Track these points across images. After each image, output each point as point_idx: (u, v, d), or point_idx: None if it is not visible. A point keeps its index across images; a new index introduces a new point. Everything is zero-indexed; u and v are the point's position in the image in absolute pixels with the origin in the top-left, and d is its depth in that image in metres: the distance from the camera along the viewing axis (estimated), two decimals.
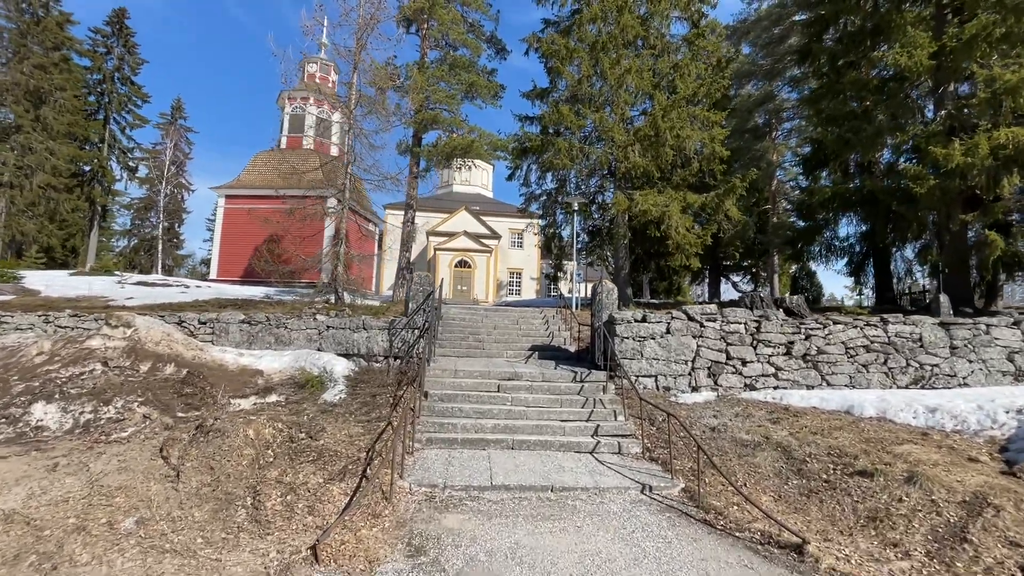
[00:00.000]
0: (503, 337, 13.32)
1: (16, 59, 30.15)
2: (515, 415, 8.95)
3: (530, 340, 13.26)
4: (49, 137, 30.76)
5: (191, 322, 11.35)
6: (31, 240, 30.78)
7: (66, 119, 31.64)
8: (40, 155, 30.32)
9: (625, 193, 18.53)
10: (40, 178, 30.37)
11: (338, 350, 10.82)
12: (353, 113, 15.63)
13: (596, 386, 9.90)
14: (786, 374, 10.02)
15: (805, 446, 7.39)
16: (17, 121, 30.24)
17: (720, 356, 10.20)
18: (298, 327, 11.07)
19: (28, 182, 30.32)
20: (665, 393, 10.10)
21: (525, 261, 46.41)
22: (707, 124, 18.50)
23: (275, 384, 9.25)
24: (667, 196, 17.77)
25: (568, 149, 18.01)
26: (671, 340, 10.26)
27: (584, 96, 18.90)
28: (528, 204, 21.96)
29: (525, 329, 14.06)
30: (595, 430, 8.62)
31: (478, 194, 48.96)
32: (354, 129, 15.75)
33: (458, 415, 8.85)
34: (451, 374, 10.05)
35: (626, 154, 17.87)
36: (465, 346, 12.57)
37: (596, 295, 11.24)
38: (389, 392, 9.37)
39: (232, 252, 32.71)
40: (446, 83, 20.28)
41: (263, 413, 7.74)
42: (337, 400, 8.75)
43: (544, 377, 10.13)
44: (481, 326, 13.93)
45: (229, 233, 33.00)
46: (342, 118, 36.07)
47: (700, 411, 9.13)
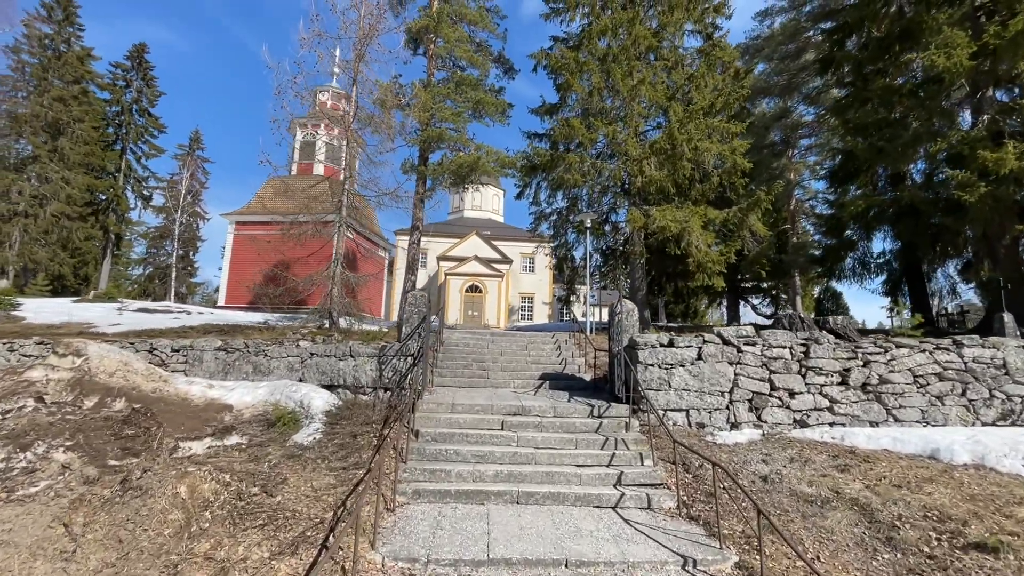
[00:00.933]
0: (510, 364, 11.75)
1: (37, 92, 30.18)
2: (522, 459, 7.34)
3: (540, 368, 11.68)
4: (65, 167, 30.49)
5: (163, 350, 10.01)
6: (43, 268, 30.20)
7: (82, 149, 31.43)
8: (55, 184, 30.00)
9: (640, 210, 17.09)
10: (54, 207, 29.98)
11: (321, 380, 9.37)
12: (351, 128, 14.56)
13: (617, 423, 8.26)
14: (843, 408, 8.29)
15: (891, 505, 5.65)
16: (35, 152, 30.06)
17: (763, 386, 8.52)
18: (279, 355, 9.66)
19: (42, 211, 29.94)
20: (699, 431, 8.41)
21: (537, 285, 44.94)
22: (726, 136, 17.12)
23: (243, 421, 7.79)
24: (686, 211, 16.29)
25: (580, 164, 16.71)
26: (704, 368, 8.62)
27: (595, 110, 17.69)
28: (538, 223, 20.60)
29: (535, 355, 12.48)
30: (618, 478, 6.96)
31: (489, 219, 47.97)
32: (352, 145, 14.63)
33: (453, 459, 7.27)
34: (448, 408, 8.50)
35: (641, 168, 16.51)
36: (467, 375, 11.03)
37: (614, 316, 9.69)
38: (374, 431, 7.83)
39: (241, 279, 31.81)
40: (452, 101, 19.26)
41: (215, 460, 6.26)
42: (310, 442, 7.24)
43: (556, 412, 8.53)
44: (486, 352, 12.39)
45: (238, 260, 32.19)
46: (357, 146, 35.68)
47: (744, 454, 7.43)
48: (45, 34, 30.66)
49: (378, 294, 40.26)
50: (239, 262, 32.17)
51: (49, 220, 29.90)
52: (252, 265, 31.62)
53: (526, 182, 19.51)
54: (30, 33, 30.16)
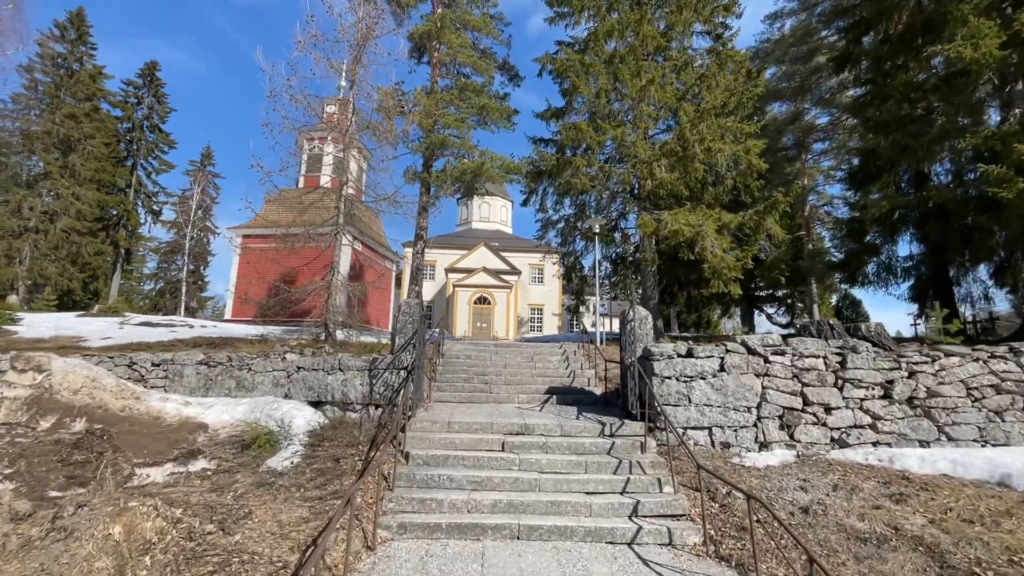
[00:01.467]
0: (514, 378, 10.84)
1: (49, 110, 30.25)
2: (524, 486, 6.42)
3: (547, 381, 10.75)
4: (76, 183, 30.42)
5: (143, 364, 9.27)
6: (52, 283, 29.98)
7: (93, 165, 31.37)
8: (65, 200, 29.90)
9: (651, 214, 16.21)
10: (64, 222, 29.84)
11: (308, 396, 8.54)
12: (350, 132, 13.93)
13: (631, 442, 7.31)
14: (887, 425, 7.27)
15: (964, 546, 4.65)
16: (46, 168, 30.04)
17: (794, 401, 7.53)
18: (263, 369, 8.86)
19: (52, 226, 29.81)
20: (724, 452, 7.43)
21: (546, 297, 44.02)
22: (739, 137, 16.24)
23: (216, 443, 6.97)
24: (700, 215, 15.37)
25: (587, 168, 15.91)
26: (727, 380, 7.66)
27: (603, 113, 16.92)
28: (545, 231, 19.78)
29: (541, 368, 11.57)
30: (634, 508, 6.01)
31: (497, 230, 47.29)
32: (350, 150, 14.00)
33: (447, 486, 6.37)
34: (444, 427, 7.62)
35: (651, 171, 15.65)
36: (468, 389, 10.15)
37: (626, 324, 8.78)
38: (359, 454, 6.97)
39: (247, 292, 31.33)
40: (455, 107, 18.66)
41: (172, 490, 5.43)
42: (286, 466, 6.39)
43: (563, 430, 7.61)
44: (489, 365, 11.50)
45: (244, 273, 31.74)
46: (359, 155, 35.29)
47: (778, 479, 6.44)
48: (58, 53, 30.82)
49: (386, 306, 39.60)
50: (245, 275, 31.73)
51: (59, 235, 29.74)
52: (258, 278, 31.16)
53: (532, 188, 18.74)
54: (43, 52, 30.32)
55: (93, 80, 32.18)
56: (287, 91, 12.66)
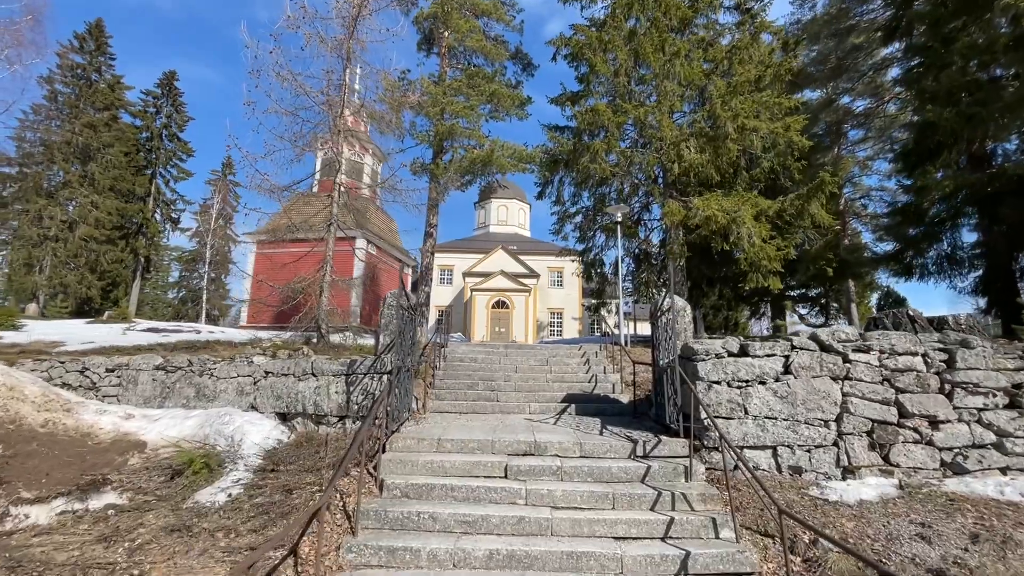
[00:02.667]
0: (526, 384, 9.13)
1: (69, 120, 29.98)
2: (531, 527, 4.71)
3: (564, 387, 9.02)
4: (95, 191, 30.01)
5: (95, 370, 7.88)
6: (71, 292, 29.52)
7: (112, 174, 30.95)
8: (84, 208, 29.49)
9: (679, 201, 14.39)
10: (82, 231, 29.38)
11: (276, 407, 7.01)
12: (343, 116, 12.53)
13: (672, 467, 5.53)
14: (1020, 444, 5.34)
15: None
16: (65, 177, 29.73)
17: (887, 412, 5.65)
18: (227, 375, 7.37)
19: (71, 235, 29.40)
20: (795, 479, 5.58)
21: (566, 300, 42.18)
22: (777, 113, 14.32)
23: (146, 468, 5.46)
24: (735, 199, 13.49)
25: (607, 154, 14.18)
26: (795, 386, 5.82)
27: (623, 93, 15.22)
28: (562, 225, 18.07)
29: (557, 372, 9.83)
30: (682, 563, 4.24)
31: (515, 233, 45.74)
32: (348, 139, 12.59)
33: (428, 528, 4.71)
34: (433, 446, 5.97)
35: (678, 152, 13.84)
36: (472, 397, 8.48)
37: (659, 316, 7.01)
38: (321, 481, 5.36)
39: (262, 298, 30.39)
40: (464, 96, 17.19)
41: (46, 538, 3.91)
42: (219, 501, 4.81)
43: (583, 450, 5.88)
44: (497, 369, 9.82)
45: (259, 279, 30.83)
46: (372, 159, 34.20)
47: (882, 521, 4.58)
48: (78, 64, 30.58)
49: None
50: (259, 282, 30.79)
51: (77, 244, 29.29)
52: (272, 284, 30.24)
53: (547, 178, 17.09)
54: (63, 63, 30.11)
55: (112, 90, 31.88)
56: (273, 68, 11.33)
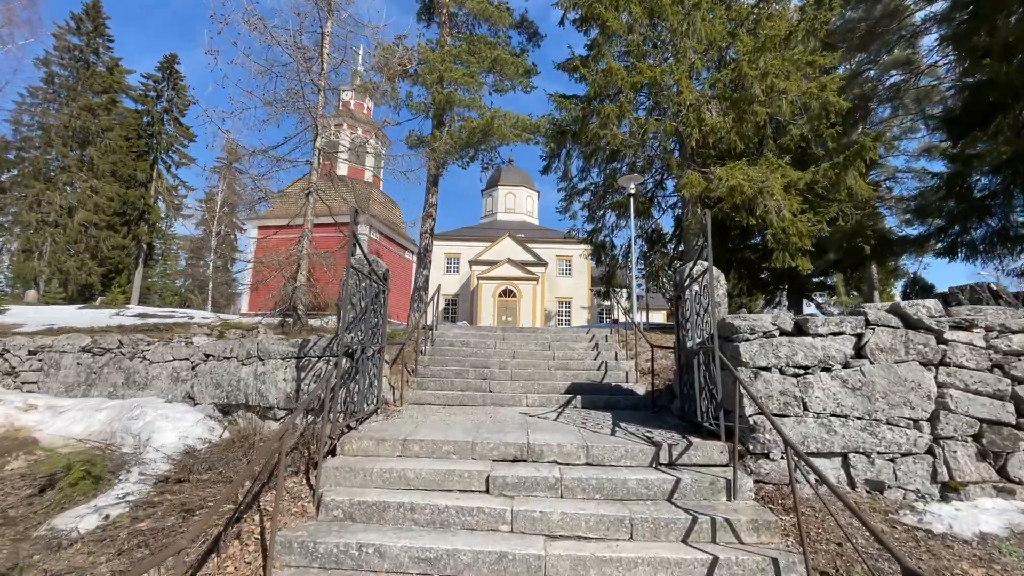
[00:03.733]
0: (524, 371, 7.70)
1: (66, 103, 28.96)
2: (515, 570, 3.31)
3: (568, 376, 7.58)
4: (94, 176, 29.01)
5: (16, 352, 6.61)
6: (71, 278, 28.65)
7: (111, 158, 29.93)
8: (83, 193, 28.53)
9: (699, 172, 12.80)
10: (81, 216, 28.43)
11: (216, 396, 5.67)
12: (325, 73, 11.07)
13: (708, 480, 4.08)
14: None
15: None
16: (64, 162, 28.77)
17: (1001, 409, 4.14)
18: (161, 358, 6.05)
19: (70, 220, 28.48)
20: (875, 497, 4.10)
21: (574, 289, 40.64)
22: (811, 73, 12.62)
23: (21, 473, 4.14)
24: (763, 167, 11.88)
25: (619, 118, 12.59)
26: (873, 373, 4.34)
27: (637, 52, 13.59)
28: (569, 202, 16.54)
29: (561, 358, 8.38)
30: None
31: (523, 221, 44.18)
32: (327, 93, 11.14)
33: (369, 567, 3.32)
34: (396, 448, 4.59)
35: (699, 116, 12.22)
36: (460, 387, 7.09)
37: (686, 287, 5.52)
38: (238, 499, 3.99)
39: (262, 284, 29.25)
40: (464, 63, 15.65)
41: None
42: (86, 527, 3.41)
43: (590, 454, 4.45)
44: (491, 354, 8.41)
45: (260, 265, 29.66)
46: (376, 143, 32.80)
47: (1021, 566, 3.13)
48: (74, 45, 29.48)
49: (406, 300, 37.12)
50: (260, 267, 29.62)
51: (76, 229, 28.36)
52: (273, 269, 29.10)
53: (553, 151, 15.56)
54: (60, 44, 29.03)
55: (111, 72, 30.78)
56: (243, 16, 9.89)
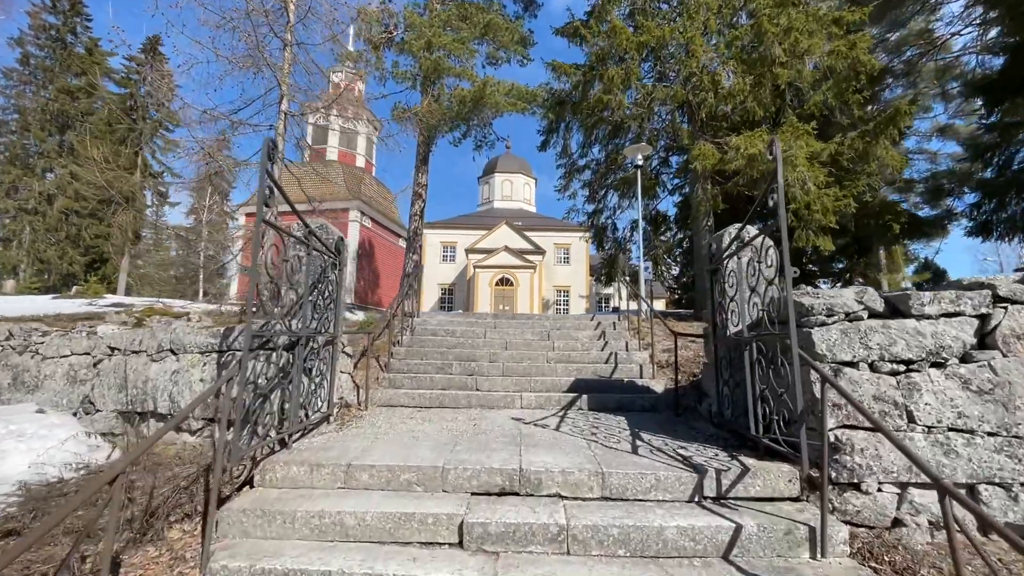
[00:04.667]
0: (519, 365, 6.37)
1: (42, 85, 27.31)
2: None
3: (572, 371, 6.26)
4: (74, 162, 27.45)
5: None
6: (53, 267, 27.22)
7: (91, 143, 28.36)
8: (62, 179, 27.00)
9: (712, 142, 11.40)
10: (61, 203, 26.92)
11: (119, 402, 4.33)
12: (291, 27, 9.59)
13: (784, 527, 2.73)
14: None
15: None
16: (41, 147, 27.20)
17: None
18: (57, 352, 4.70)
19: (49, 207, 26.98)
20: None
21: (572, 277, 39.29)
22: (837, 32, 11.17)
23: None
24: (788, 133, 10.50)
25: (624, 83, 11.15)
26: (1009, 370, 3.03)
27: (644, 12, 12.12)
28: (569, 180, 15.12)
29: (563, 349, 7.05)
30: None
31: (520, 209, 42.71)
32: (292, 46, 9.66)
33: None
34: (338, 477, 3.26)
35: (713, 79, 10.81)
36: (440, 384, 5.77)
37: (724, 257, 4.20)
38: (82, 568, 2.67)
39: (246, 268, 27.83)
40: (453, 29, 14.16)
41: None
42: None
43: (607, 483, 3.14)
44: (480, 345, 7.07)
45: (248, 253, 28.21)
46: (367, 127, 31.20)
47: None
48: (51, 25, 27.75)
49: None
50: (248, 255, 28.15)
51: (56, 217, 26.87)
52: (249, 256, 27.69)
53: (552, 125, 14.12)
54: (35, 24, 27.30)
55: (90, 54, 29.07)
56: None
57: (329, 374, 4.39)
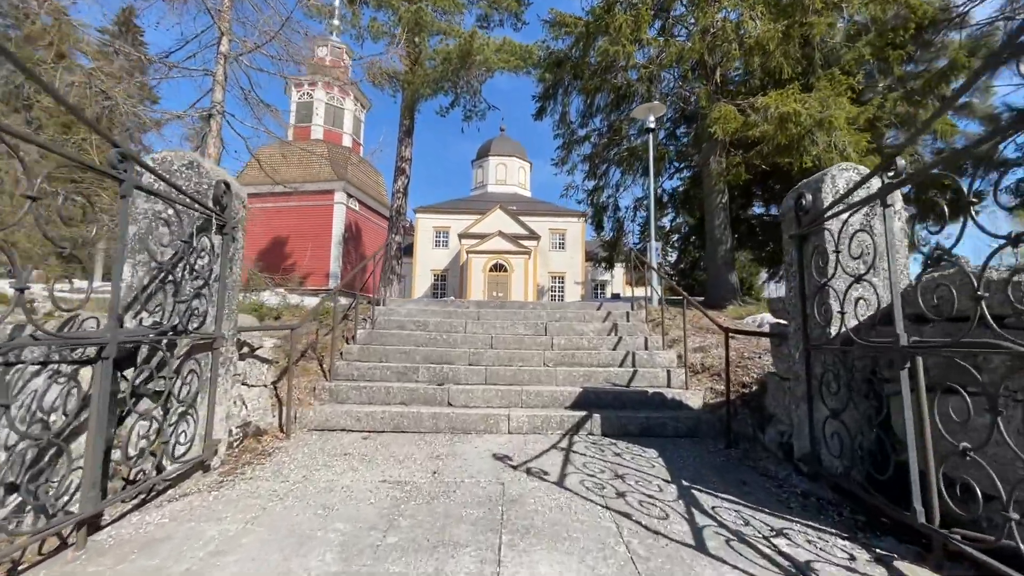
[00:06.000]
0: (508, 369, 4.74)
1: None
2: None
3: (577, 378, 4.64)
4: None
5: None
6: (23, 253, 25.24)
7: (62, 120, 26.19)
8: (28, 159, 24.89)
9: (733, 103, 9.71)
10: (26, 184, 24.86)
11: None
12: None
13: None
14: None
15: None
16: None
17: None
18: None
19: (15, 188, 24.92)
20: None
21: (568, 264, 37.66)
22: None
23: None
24: (827, 88, 8.83)
25: (634, 30, 9.39)
26: None
27: None
28: (567, 152, 13.38)
29: (564, 348, 5.42)
30: None
31: (515, 193, 40.86)
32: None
33: None
34: None
35: (737, 28, 9.09)
36: (400, 397, 4.16)
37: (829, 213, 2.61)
38: None
39: None
40: None
41: None
42: None
43: None
44: (459, 341, 5.42)
45: None
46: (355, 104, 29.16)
47: None
48: None
49: None
50: None
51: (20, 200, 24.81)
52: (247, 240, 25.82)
53: (549, 88, 12.33)
54: None
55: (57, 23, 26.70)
56: None
57: (208, 395, 2.76)
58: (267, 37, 7.38)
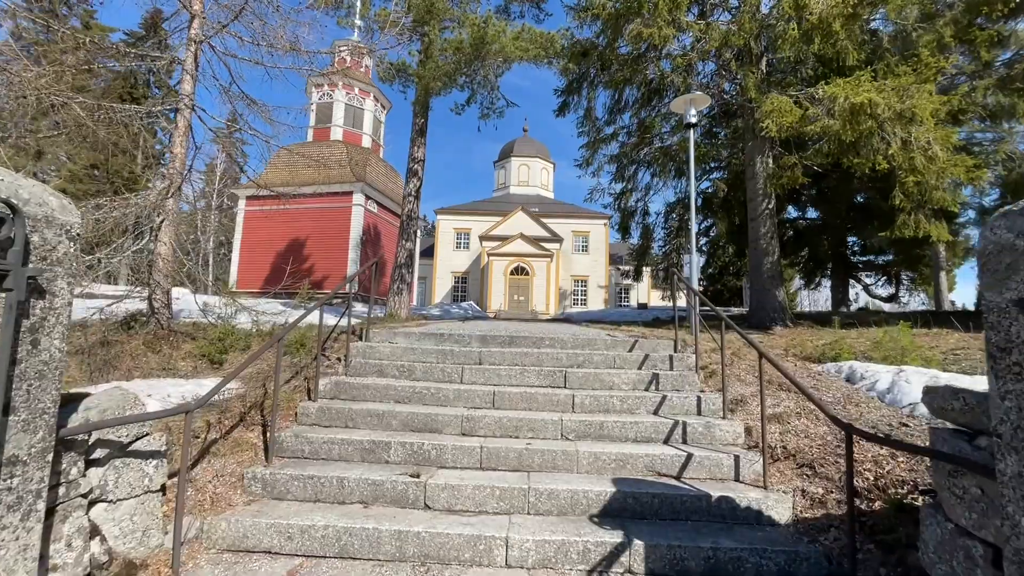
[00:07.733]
0: (513, 446, 3.41)
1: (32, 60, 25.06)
2: None
3: (609, 464, 3.29)
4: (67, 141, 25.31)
5: None
6: None
7: None
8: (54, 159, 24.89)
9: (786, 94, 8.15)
10: (54, 184, 24.83)
11: None
12: None
13: None
14: None
15: None
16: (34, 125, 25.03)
17: None
18: None
19: None
20: None
21: (591, 267, 36.10)
22: None
23: None
24: (905, 80, 7.21)
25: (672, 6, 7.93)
26: None
27: None
28: (593, 152, 11.94)
29: (589, 409, 4.04)
30: None
31: (537, 195, 39.47)
32: None
33: None
34: None
35: (795, 4, 7.54)
36: (360, 494, 2.92)
37: None
38: None
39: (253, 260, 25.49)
40: None
41: None
42: None
43: None
44: (452, 398, 4.08)
45: (250, 239, 25.84)
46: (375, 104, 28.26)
47: None
48: None
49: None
50: (251, 241, 25.83)
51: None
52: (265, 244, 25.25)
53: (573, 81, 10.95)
54: None
55: (86, 27, 26.66)
56: None
57: None
58: (233, 14, 6.24)
